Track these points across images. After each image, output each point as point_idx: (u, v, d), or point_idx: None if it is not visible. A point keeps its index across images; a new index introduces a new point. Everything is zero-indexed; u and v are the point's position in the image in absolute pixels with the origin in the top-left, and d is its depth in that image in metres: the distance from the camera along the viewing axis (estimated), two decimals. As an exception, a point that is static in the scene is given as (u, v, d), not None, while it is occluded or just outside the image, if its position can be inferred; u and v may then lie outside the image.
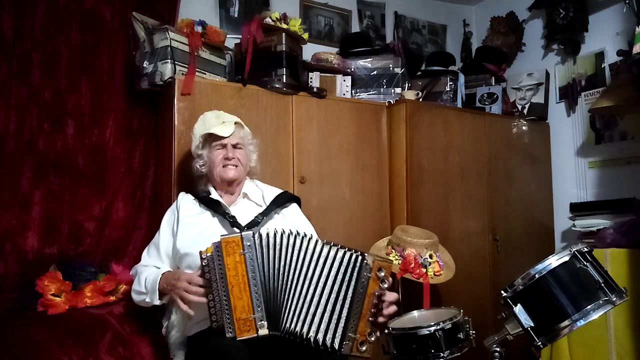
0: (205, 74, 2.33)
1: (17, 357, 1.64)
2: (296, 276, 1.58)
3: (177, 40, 2.24)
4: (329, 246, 1.60)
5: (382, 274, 1.55)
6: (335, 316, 1.53)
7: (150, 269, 1.79)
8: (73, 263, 2.18)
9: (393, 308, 1.64)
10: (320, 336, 1.53)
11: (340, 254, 1.58)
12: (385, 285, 1.56)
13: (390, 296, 1.62)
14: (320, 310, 1.55)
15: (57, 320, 1.86)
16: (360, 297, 1.53)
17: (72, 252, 2.23)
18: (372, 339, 1.55)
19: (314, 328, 1.54)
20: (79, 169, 2.28)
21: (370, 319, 1.55)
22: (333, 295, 1.55)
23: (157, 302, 1.71)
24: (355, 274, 1.55)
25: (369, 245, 2.51)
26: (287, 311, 1.56)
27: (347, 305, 1.53)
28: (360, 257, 1.56)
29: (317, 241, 1.61)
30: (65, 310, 1.93)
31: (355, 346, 1.52)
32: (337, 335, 1.52)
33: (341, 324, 1.52)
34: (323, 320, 1.54)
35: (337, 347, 1.51)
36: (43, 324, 1.82)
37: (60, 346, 1.70)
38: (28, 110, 2.18)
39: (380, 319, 1.59)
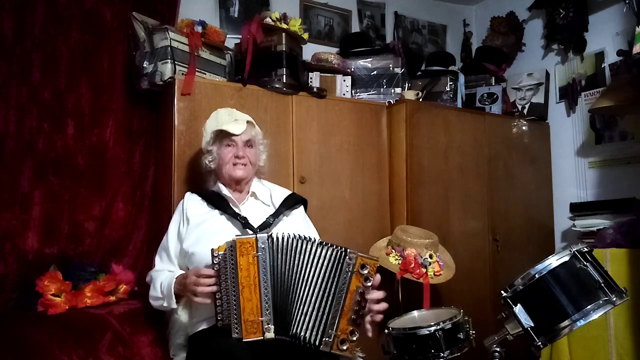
0: (205, 74, 2.33)
1: (17, 357, 1.64)
2: (299, 279, 1.58)
3: (177, 40, 2.24)
4: (321, 246, 1.59)
5: (366, 270, 1.54)
6: (320, 313, 1.54)
7: (164, 274, 1.79)
8: (73, 263, 2.18)
9: (379, 306, 1.62)
10: (308, 334, 1.53)
11: (328, 251, 1.58)
12: (369, 283, 1.55)
13: (375, 294, 1.60)
14: (311, 309, 1.55)
15: (57, 320, 1.85)
16: (342, 294, 1.53)
17: (72, 252, 2.23)
18: (354, 337, 1.54)
19: (305, 327, 1.54)
20: (79, 169, 2.28)
21: (352, 317, 1.54)
22: (321, 294, 1.56)
23: (174, 305, 1.71)
24: (338, 269, 1.55)
25: (369, 245, 2.51)
26: (292, 315, 1.56)
27: (329, 302, 1.54)
28: (342, 253, 1.56)
29: (314, 242, 1.61)
30: (65, 310, 1.93)
31: (336, 344, 1.52)
32: (319, 332, 1.52)
33: (323, 321, 1.53)
34: (312, 319, 1.54)
35: (316, 344, 1.51)
36: (43, 324, 1.82)
37: (60, 346, 1.70)
38: (28, 110, 2.18)
39: (365, 318, 1.58)
